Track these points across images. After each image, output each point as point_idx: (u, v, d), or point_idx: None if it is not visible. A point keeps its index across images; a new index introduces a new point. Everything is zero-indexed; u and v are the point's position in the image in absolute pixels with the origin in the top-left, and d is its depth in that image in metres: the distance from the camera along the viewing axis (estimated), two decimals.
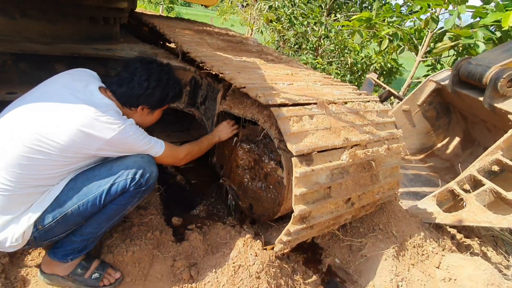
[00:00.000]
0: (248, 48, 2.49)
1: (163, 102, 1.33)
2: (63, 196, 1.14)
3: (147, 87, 1.24)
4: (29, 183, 1.07)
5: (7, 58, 1.78)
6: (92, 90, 1.17)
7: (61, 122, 1.05)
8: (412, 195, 2.97)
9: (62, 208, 1.13)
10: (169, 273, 1.41)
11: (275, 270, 1.41)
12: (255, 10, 9.26)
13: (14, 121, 1.08)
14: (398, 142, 1.72)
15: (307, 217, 1.35)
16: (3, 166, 1.03)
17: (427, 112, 3.49)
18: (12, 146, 1.03)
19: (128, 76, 1.24)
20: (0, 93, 1.72)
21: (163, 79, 1.28)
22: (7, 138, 1.05)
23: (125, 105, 1.25)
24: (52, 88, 1.17)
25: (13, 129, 1.06)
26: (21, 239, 1.11)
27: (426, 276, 1.73)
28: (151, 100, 1.28)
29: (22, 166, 1.04)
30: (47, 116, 1.06)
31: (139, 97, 1.24)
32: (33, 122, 1.06)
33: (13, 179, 1.04)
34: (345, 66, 6.94)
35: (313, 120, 1.41)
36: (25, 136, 1.03)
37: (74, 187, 1.15)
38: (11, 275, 1.25)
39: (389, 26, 4.36)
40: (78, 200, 1.14)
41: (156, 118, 1.40)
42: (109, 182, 1.15)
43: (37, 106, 1.10)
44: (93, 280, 1.27)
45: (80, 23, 2.05)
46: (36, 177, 1.08)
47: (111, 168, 1.18)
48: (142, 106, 1.28)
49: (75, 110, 1.08)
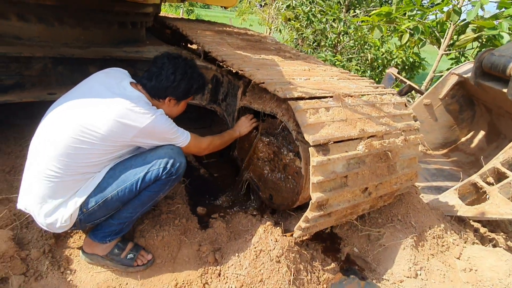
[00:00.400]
0: (267, 46, 2.57)
1: (188, 93, 1.44)
2: (104, 183, 1.27)
3: (173, 80, 1.35)
4: (76, 171, 1.21)
5: (48, 62, 1.96)
6: (124, 85, 1.30)
7: (100, 115, 1.18)
8: (434, 189, 2.93)
9: (103, 193, 1.26)
10: (195, 256, 1.52)
11: (294, 255, 1.49)
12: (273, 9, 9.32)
13: (60, 117, 1.22)
14: (416, 133, 1.74)
15: (324, 204, 1.42)
16: (54, 156, 1.17)
17: (450, 106, 3.42)
18: (60, 138, 1.17)
19: (156, 70, 1.36)
20: (42, 94, 1.91)
21: (188, 72, 1.40)
22: (56, 131, 1.20)
23: (154, 97, 1.37)
24: (91, 86, 1.31)
25: (60, 123, 1.20)
26: (69, 220, 1.25)
27: (446, 266, 1.74)
28: (178, 92, 1.39)
29: (70, 155, 1.17)
30: (88, 111, 1.20)
31: (166, 89, 1.36)
32: (77, 116, 1.19)
33: (62, 167, 1.18)
34: (365, 62, 6.85)
35: (329, 112, 1.47)
36: (71, 129, 1.17)
37: (114, 175, 1.28)
38: (57, 254, 1.40)
39: (410, 20, 4.29)
40: (117, 186, 1.27)
41: (181, 109, 1.51)
42: (143, 171, 1.28)
43: (79, 102, 1.23)
44: (128, 260, 1.40)
45: (110, 28, 2.21)
46: (81, 165, 1.21)
47: (145, 158, 1.30)
48: (170, 98, 1.39)
49: (111, 103, 1.21)
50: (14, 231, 1.37)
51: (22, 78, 1.89)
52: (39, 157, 1.21)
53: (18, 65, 1.85)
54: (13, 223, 1.41)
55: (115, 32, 2.25)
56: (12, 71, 1.84)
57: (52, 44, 2.03)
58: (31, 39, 1.99)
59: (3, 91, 1.82)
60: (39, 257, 1.33)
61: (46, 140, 1.21)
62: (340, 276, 1.63)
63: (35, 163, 1.22)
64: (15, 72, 1.85)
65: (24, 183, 1.26)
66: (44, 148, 1.20)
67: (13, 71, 1.84)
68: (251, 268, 1.43)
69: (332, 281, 1.58)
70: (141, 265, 1.41)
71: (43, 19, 1.96)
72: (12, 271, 1.23)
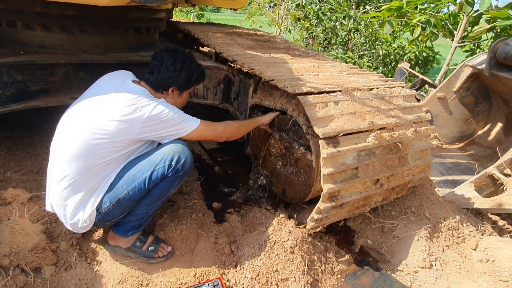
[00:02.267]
0: (276, 46, 2.62)
1: (189, 82, 1.49)
2: (116, 184, 1.33)
3: (174, 70, 1.41)
4: (90, 171, 1.27)
5: (69, 69, 2.08)
6: (127, 83, 1.38)
7: (106, 112, 1.24)
8: (450, 183, 2.89)
9: (115, 193, 1.33)
10: (212, 248, 1.59)
11: (308, 246, 1.53)
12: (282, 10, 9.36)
13: (72, 120, 1.30)
14: (427, 125, 1.75)
15: (336, 195, 1.45)
16: (69, 158, 1.24)
17: (465, 99, 3.37)
18: (73, 140, 1.24)
19: (157, 63, 1.43)
20: (65, 99, 2.03)
21: (187, 61, 1.46)
22: (69, 134, 1.27)
23: (158, 90, 1.43)
24: (98, 87, 1.39)
25: (72, 126, 1.28)
26: (88, 221, 1.33)
27: (462, 257, 1.74)
28: (179, 81, 1.43)
29: (83, 156, 1.24)
30: (96, 110, 1.27)
31: (168, 79, 1.42)
32: (86, 118, 1.26)
33: (77, 167, 1.24)
34: (377, 58, 6.79)
35: (338, 105, 1.51)
36: (82, 131, 1.24)
37: (123, 175, 1.33)
38: (84, 247, 1.49)
39: (421, 13, 4.24)
40: (127, 186, 1.32)
41: (185, 100, 1.55)
42: (150, 170, 1.32)
43: (87, 104, 1.31)
44: (149, 252, 1.48)
45: (127, 34, 2.31)
46: (95, 165, 1.27)
47: (150, 158, 1.34)
48: (172, 88, 1.45)
49: (115, 100, 1.27)
50: (45, 225, 1.47)
51: (47, 84, 2.01)
52: (56, 160, 1.29)
53: (43, 72, 1.97)
54: (43, 218, 1.51)
55: (131, 37, 2.36)
56: (38, 78, 1.96)
57: (73, 52, 2.16)
58: (54, 47, 2.11)
59: (30, 97, 1.95)
60: (68, 249, 1.42)
61: (62, 144, 1.29)
62: (354, 267, 1.65)
63: (54, 166, 1.30)
64: (40, 79, 1.98)
65: (48, 186, 1.35)
66: (60, 151, 1.28)
67: (39, 78, 1.97)
68: (266, 259, 1.48)
69: (346, 272, 1.61)
70: (161, 257, 1.49)
71: (65, 28, 2.09)
72: (45, 262, 1.33)
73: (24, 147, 2.19)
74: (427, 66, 6.53)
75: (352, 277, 1.59)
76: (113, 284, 1.36)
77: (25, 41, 2.11)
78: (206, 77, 2.24)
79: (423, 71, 6.53)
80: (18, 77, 1.88)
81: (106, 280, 1.37)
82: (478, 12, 3.85)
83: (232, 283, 1.42)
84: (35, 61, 1.88)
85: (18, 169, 1.95)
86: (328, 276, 1.52)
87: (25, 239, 1.31)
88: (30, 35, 2.08)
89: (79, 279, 1.34)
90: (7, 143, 2.22)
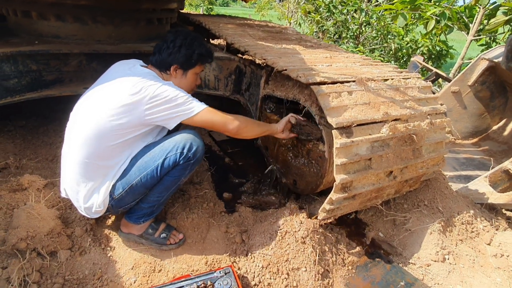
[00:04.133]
0: (288, 37, 2.60)
1: (191, 60, 1.45)
2: (128, 171, 1.35)
3: (173, 46, 1.41)
4: (103, 154, 1.29)
5: (83, 59, 2.10)
6: (136, 67, 1.40)
7: (116, 95, 1.26)
8: (463, 178, 2.85)
9: (128, 180, 1.34)
10: (223, 237, 1.60)
11: (319, 237, 1.52)
12: (292, 3, 9.27)
13: (85, 105, 1.33)
14: (442, 117, 1.71)
15: (348, 186, 1.44)
16: (83, 141, 1.26)
17: (480, 93, 3.29)
18: (86, 124, 1.26)
19: (160, 44, 1.44)
20: (78, 88, 2.05)
21: (188, 38, 1.45)
22: (82, 119, 1.30)
23: (162, 69, 1.44)
24: (109, 74, 1.41)
25: (85, 111, 1.31)
26: (102, 205, 1.35)
27: (475, 252, 1.71)
28: (179, 57, 1.42)
29: (97, 139, 1.25)
30: (107, 95, 1.28)
31: (168, 56, 1.41)
32: (98, 102, 1.28)
33: (90, 151, 1.26)
34: (389, 52, 6.68)
35: (352, 96, 1.48)
36: (94, 114, 1.26)
37: (136, 162, 1.35)
38: (98, 233, 1.52)
39: (436, 6, 4.13)
40: (140, 173, 1.34)
41: (190, 81, 1.51)
42: (162, 157, 1.33)
43: (99, 89, 1.33)
44: (161, 239, 1.50)
45: (139, 25, 2.32)
46: (107, 148, 1.28)
47: (163, 145, 1.35)
48: (174, 67, 1.43)
49: (123, 82, 1.28)
50: (60, 211, 1.50)
51: (61, 74, 2.04)
52: (71, 145, 1.31)
53: (58, 62, 2.00)
54: (58, 204, 1.54)
55: (143, 28, 2.36)
56: (52, 67, 1.99)
57: (86, 42, 2.18)
58: (68, 37, 2.13)
59: (45, 86, 1.98)
60: (82, 234, 1.45)
61: (75, 129, 1.31)
62: (366, 259, 1.64)
63: (68, 151, 1.33)
64: (54, 69, 2.00)
65: (62, 171, 1.37)
66: (74, 135, 1.30)
67: (53, 67, 1.99)
68: (277, 249, 1.48)
69: (357, 264, 1.60)
70: (173, 244, 1.50)
71: (79, 18, 2.10)
72: (60, 246, 1.36)
73: (39, 136, 2.23)
74: (440, 61, 6.40)
75: (363, 268, 1.58)
76: (126, 269, 1.38)
77: (40, 31, 2.14)
78: (217, 68, 2.25)
79: (436, 65, 6.40)
80: (33, 66, 1.91)
81: (119, 265, 1.40)
82: (496, 4, 3.75)
83: (243, 271, 1.43)
84: (50, 50, 1.91)
85: (33, 157, 1.99)
86: (339, 267, 1.51)
87: (41, 223, 1.34)
88: (45, 25, 2.11)
89: (93, 263, 1.37)
90: (22, 132, 2.26)
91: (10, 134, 2.20)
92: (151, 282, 1.36)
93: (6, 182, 1.63)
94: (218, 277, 1.29)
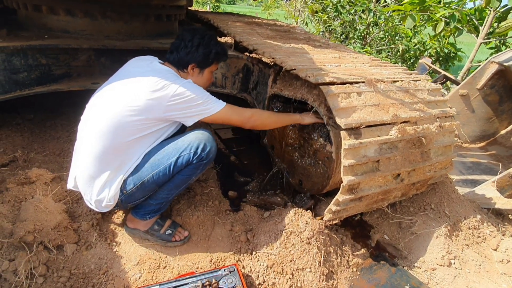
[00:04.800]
0: (296, 36, 2.59)
1: (208, 59, 1.47)
2: (141, 167, 1.36)
3: (191, 45, 1.42)
4: (118, 149, 1.29)
5: (91, 54, 2.11)
6: (154, 64, 1.41)
7: (136, 91, 1.27)
8: (470, 183, 2.82)
9: (140, 176, 1.35)
10: (228, 236, 1.60)
11: (324, 238, 1.52)
12: (299, 2, 9.23)
13: (103, 99, 1.33)
14: (452, 120, 1.70)
15: (355, 188, 1.43)
16: (98, 135, 1.27)
17: (489, 97, 3.25)
18: (104, 117, 1.27)
19: (177, 42, 1.45)
20: (86, 83, 2.06)
21: (205, 37, 1.46)
22: (99, 112, 1.30)
23: (179, 68, 1.45)
24: (126, 70, 1.42)
25: (102, 105, 1.31)
26: (112, 200, 1.36)
27: (482, 257, 1.70)
28: (197, 56, 1.43)
29: (113, 132, 1.26)
30: (126, 89, 1.29)
31: (187, 55, 1.42)
32: (117, 97, 1.29)
33: (106, 144, 1.27)
34: (396, 53, 6.62)
35: (361, 97, 1.47)
36: (112, 108, 1.27)
37: (149, 159, 1.36)
38: (104, 228, 1.52)
39: (445, 7, 4.09)
40: (152, 170, 1.35)
41: (206, 79, 1.54)
42: (175, 155, 1.34)
43: (118, 85, 1.33)
44: (167, 235, 1.50)
45: (148, 21, 2.32)
46: (123, 142, 1.29)
47: (177, 143, 1.36)
48: (192, 65, 1.45)
49: (144, 80, 1.29)
50: (67, 205, 1.51)
51: (70, 68, 2.05)
52: (85, 138, 1.32)
53: (66, 57, 2.01)
54: (65, 198, 1.55)
55: (152, 25, 2.37)
56: (61, 62, 2.00)
57: (96, 37, 2.19)
58: (77, 32, 2.14)
59: (53, 80, 1.99)
60: (89, 229, 1.45)
61: (91, 122, 1.32)
62: (370, 261, 1.64)
63: (82, 144, 1.33)
64: (64, 63, 2.01)
65: (74, 164, 1.38)
66: (90, 129, 1.31)
67: (62, 62, 2.00)
68: (282, 248, 1.48)
69: (362, 266, 1.59)
70: (178, 241, 1.51)
71: (88, 13, 2.11)
72: (66, 240, 1.36)
73: (46, 130, 2.25)
74: (448, 63, 6.33)
75: (368, 271, 1.57)
76: (132, 265, 1.39)
77: (49, 25, 2.15)
78: (225, 66, 2.24)
79: (444, 68, 6.33)
80: (42, 61, 1.92)
81: (124, 260, 1.40)
82: (507, 7, 3.70)
83: (248, 270, 1.43)
84: (59, 45, 1.92)
85: (40, 151, 2.01)
86: (344, 269, 1.51)
87: (48, 217, 1.35)
88: (55, 19, 2.12)
89: (99, 258, 1.38)
90: (30, 125, 2.28)
91: (19, 128, 2.21)
92: (156, 278, 1.36)
93: (14, 175, 1.64)
94: (222, 275, 1.29)
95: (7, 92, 1.81)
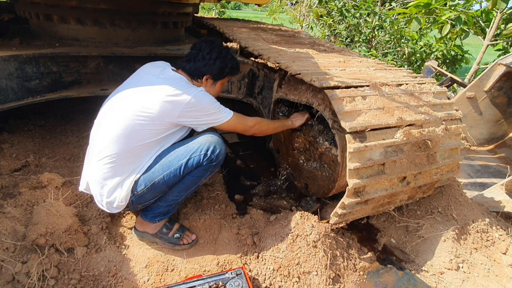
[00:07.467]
0: (301, 41, 2.61)
1: (223, 72, 1.53)
2: (152, 168, 1.39)
3: (209, 58, 1.47)
4: (131, 152, 1.33)
5: (100, 61, 2.16)
6: (167, 71, 1.45)
7: (150, 97, 1.31)
8: (478, 186, 2.79)
9: (151, 177, 1.38)
10: (235, 239, 1.61)
11: (331, 241, 1.52)
12: (304, 7, 9.27)
13: (116, 104, 1.37)
14: (458, 123, 1.69)
15: (361, 191, 1.44)
16: (111, 139, 1.31)
17: (497, 99, 3.22)
18: (117, 122, 1.31)
19: (195, 52, 1.50)
20: (96, 90, 2.11)
21: (223, 52, 1.51)
22: (112, 117, 1.34)
23: (194, 77, 1.50)
24: (140, 76, 1.46)
25: (116, 110, 1.35)
26: (124, 201, 1.39)
27: (490, 260, 1.68)
28: (213, 69, 1.49)
29: (125, 137, 1.30)
30: (140, 96, 1.33)
31: (203, 67, 1.48)
32: (131, 102, 1.33)
33: (119, 148, 1.31)
34: (402, 56, 6.60)
35: (366, 100, 1.48)
36: (127, 114, 1.31)
37: (160, 161, 1.39)
38: (113, 231, 1.55)
39: (451, 10, 4.08)
40: (163, 171, 1.38)
41: (218, 90, 1.60)
42: (186, 157, 1.37)
43: (132, 91, 1.37)
44: (175, 238, 1.52)
45: (155, 28, 2.38)
46: (136, 146, 1.33)
47: (187, 146, 1.40)
48: (206, 77, 1.50)
49: (158, 86, 1.34)
50: (77, 209, 1.54)
51: (80, 75, 2.10)
52: (99, 142, 1.35)
53: (77, 64, 2.06)
54: (76, 202, 1.58)
55: (159, 32, 2.42)
56: (72, 69, 2.05)
57: (104, 45, 2.24)
58: (87, 40, 2.20)
59: (64, 87, 2.04)
60: (98, 232, 1.48)
61: (104, 126, 1.35)
62: (377, 265, 1.63)
63: (95, 148, 1.37)
64: (74, 70, 2.07)
65: (86, 167, 1.42)
66: (103, 133, 1.34)
67: (72, 69, 2.06)
68: (288, 252, 1.48)
69: (368, 269, 1.59)
70: (186, 244, 1.53)
71: (98, 22, 2.17)
72: (77, 243, 1.40)
73: (57, 136, 2.30)
74: (455, 66, 6.28)
75: (374, 274, 1.57)
76: (140, 267, 1.41)
77: (60, 34, 2.21)
78: None
79: (451, 70, 6.29)
80: (53, 68, 1.98)
81: (133, 263, 1.42)
82: None
83: (254, 274, 1.44)
84: (70, 52, 1.97)
85: (51, 156, 2.05)
86: (350, 272, 1.51)
87: (60, 220, 1.38)
88: (65, 28, 2.18)
89: (109, 261, 1.40)
90: (41, 131, 2.33)
91: (30, 133, 2.27)
92: (163, 281, 1.38)
93: (27, 179, 1.69)
94: (229, 278, 1.30)
95: (20, 99, 1.87)
